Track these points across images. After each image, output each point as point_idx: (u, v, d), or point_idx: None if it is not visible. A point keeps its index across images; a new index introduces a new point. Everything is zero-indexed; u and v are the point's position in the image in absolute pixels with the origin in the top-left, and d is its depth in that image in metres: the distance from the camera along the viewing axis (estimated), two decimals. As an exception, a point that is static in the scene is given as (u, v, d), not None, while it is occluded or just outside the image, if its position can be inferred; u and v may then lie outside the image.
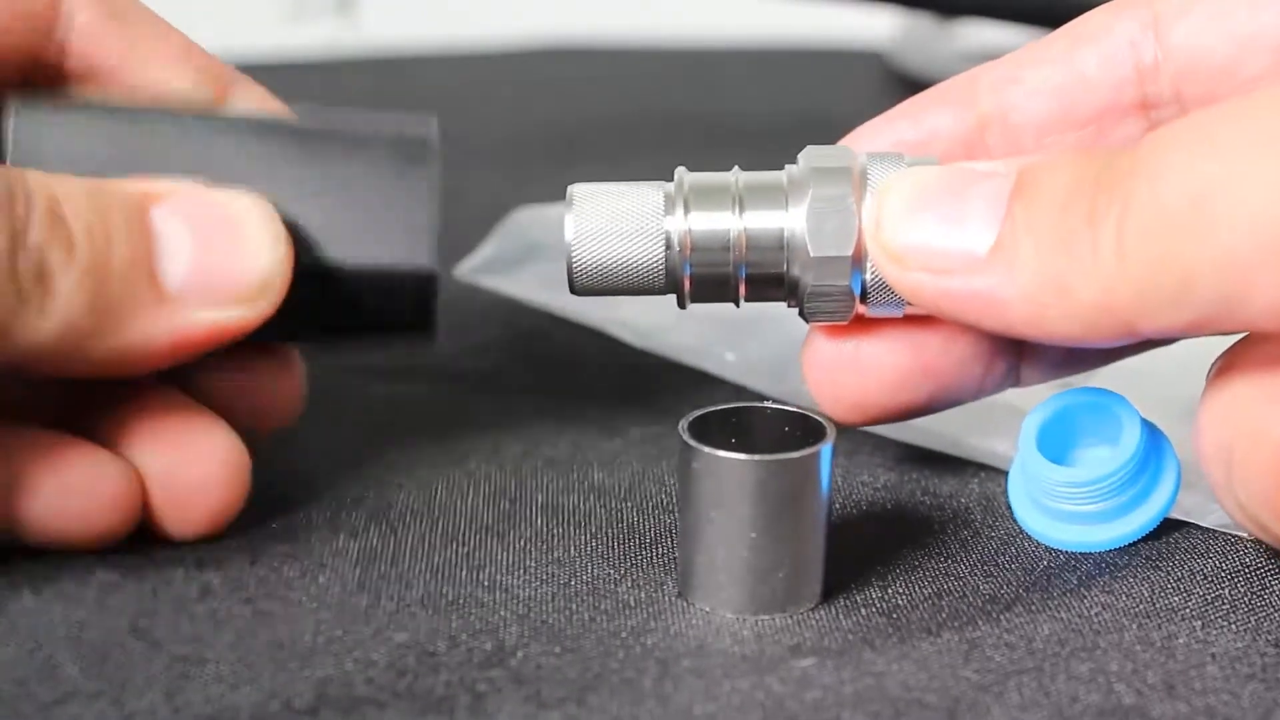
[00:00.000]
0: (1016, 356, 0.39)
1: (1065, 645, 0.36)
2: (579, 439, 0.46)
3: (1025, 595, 0.38)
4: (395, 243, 0.39)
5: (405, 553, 0.39)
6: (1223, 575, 0.39)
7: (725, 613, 0.37)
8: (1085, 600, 0.37)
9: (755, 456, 0.36)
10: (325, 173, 0.39)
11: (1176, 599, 0.38)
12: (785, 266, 0.37)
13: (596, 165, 0.75)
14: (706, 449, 0.36)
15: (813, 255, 0.36)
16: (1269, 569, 0.39)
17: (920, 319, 0.37)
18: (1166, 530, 0.40)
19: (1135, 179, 0.32)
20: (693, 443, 0.36)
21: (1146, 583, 0.38)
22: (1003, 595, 0.38)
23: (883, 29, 0.90)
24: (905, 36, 0.90)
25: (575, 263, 0.37)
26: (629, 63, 0.95)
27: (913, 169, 0.36)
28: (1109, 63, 0.38)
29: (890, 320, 0.38)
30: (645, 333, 0.52)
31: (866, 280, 0.36)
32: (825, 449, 0.37)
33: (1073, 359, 0.39)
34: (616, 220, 0.37)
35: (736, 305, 0.38)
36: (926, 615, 0.37)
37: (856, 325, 0.38)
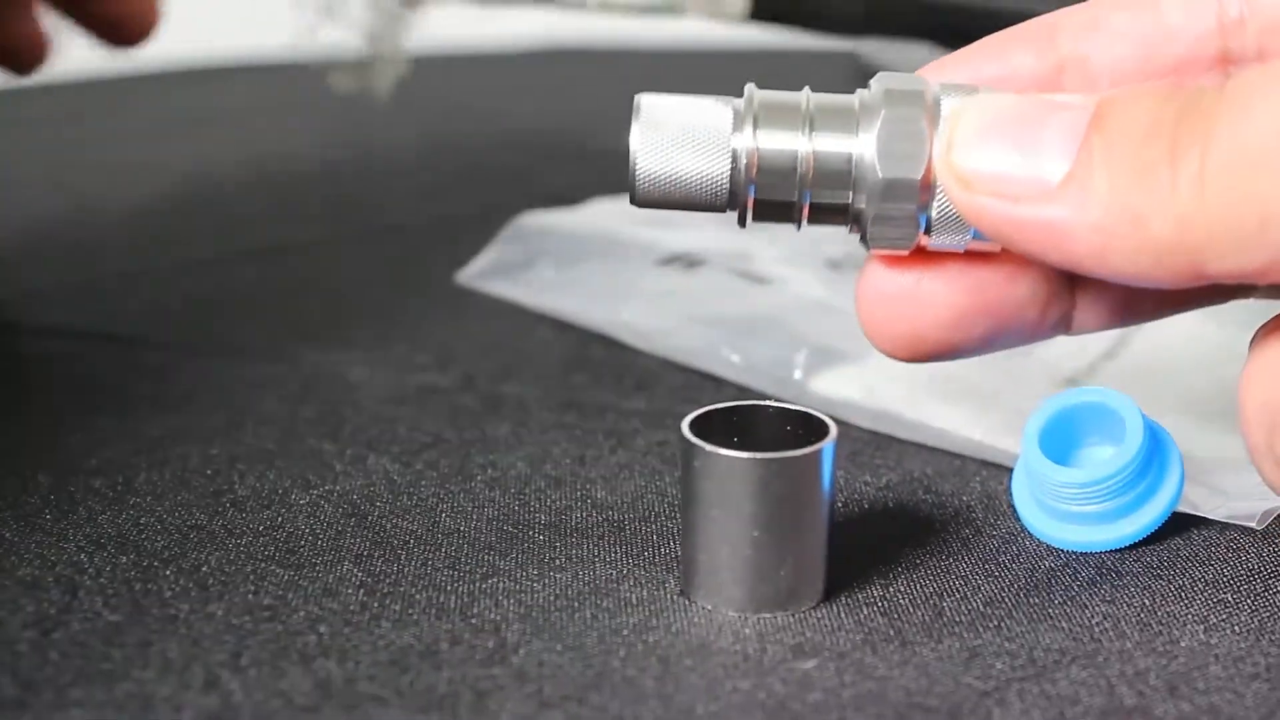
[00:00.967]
0: (1072, 302, 0.38)
1: (1066, 653, 0.36)
2: (583, 452, 0.46)
3: (1026, 599, 0.38)
4: None
5: (409, 573, 0.39)
6: (1225, 580, 0.39)
7: (727, 611, 0.37)
8: (1086, 608, 0.37)
9: (757, 455, 0.36)
10: None
11: (1178, 605, 0.38)
12: (851, 191, 0.36)
13: (595, 166, 0.76)
14: (709, 447, 0.36)
15: (881, 176, 0.35)
16: (1273, 572, 0.39)
17: (982, 256, 0.36)
18: (1168, 536, 0.40)
19: (1220, 117, 0.32)
20: (695, 441, 0.36)
21: (1148, 591, 0.38)
22: (1004, 598, 0.38)
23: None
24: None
25: (639, 172, 0.36)
26: (629, 63, 0.95)
27: (991, 95, 0.35)
28: (1193, 14, 0.37)
29: (951, 255, 0.37)
30: (648, 335, 0.52)
31: (932, 211, 0.35)
32: (827, 447, 0.37)
33: (1127, 307, 0.39)
34: (683, 133, 0.36)
35: (798, 228, 0.37)
36: (929, 617, 0.37)
37: (916, 258, 0.37)
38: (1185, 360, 0.40)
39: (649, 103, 0.36)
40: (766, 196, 0.36)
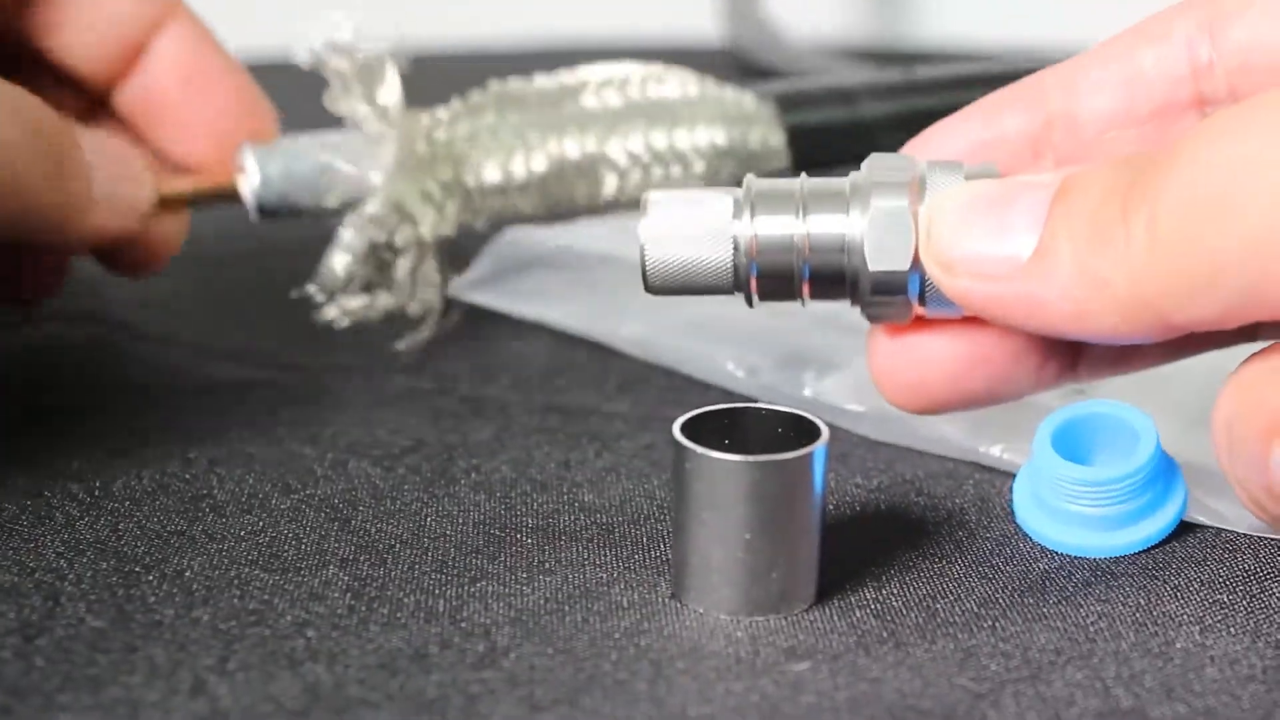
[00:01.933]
0: (1073, 353, 0.39)
1: (1061, 654, 0.35)
2: (568, 456, 0.45)
3: (1020, 600, 0.38)
4: None
5: (395, 577, 0.38)
6: (1220, 582, 0.38)
7: (719, 614, 0.37)
8: (1081, 609, 0.37)
9: (749, 458, 0.36)
10: None
11: (1173, 605, 0.37)
12: (846, 269, 0.38)
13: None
14: (700, 450, 0.36)
15: (871, 270, 0.37)
16: (1269, 574, 0.39)
17: (977, 318, 0.38)
18: (1161, 541, 0.40)
19: (1167, 170, 0.33)
20: (686, 444, 0.36)
21: (1143, 591, 0.38)
22: (998, 599, 0.38)
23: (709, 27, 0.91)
24: (740, 34, 0.90)
25: (649, 263, 0.39)
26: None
27: (965, 182, 0.37)
28: (1166, 61, 0.39)
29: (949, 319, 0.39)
30: (650, 348, 0.51)
31: (925, 283, 0.37)
32: (819, 450, 0.36)
33: (1125, 359, 0.40)
34: (687, 224, 0.38)
35: (802, 304, 0.39)
36: (922, 619, 0.37)
37: (916, 323, 0.39)
38: (1183, 367, 0.40)
39: (656, 198, 0.39)
40: (768, 277, 0.38)
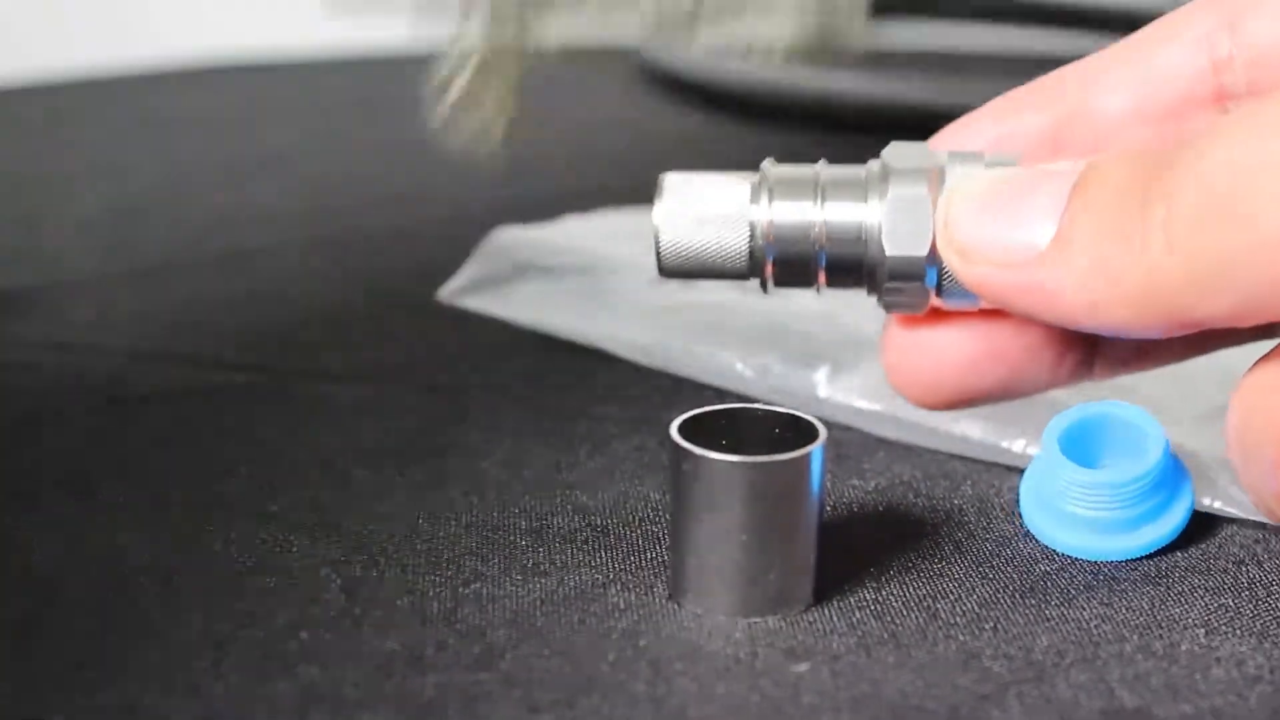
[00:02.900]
0: (1089, 349, 0.39)
1: (1065, 656, 0.35)
2: (560, 458, 0.45)
3: (1023, 602, 0.37)
4: None
5: (389, 579, 0.38)
6: (1225, 587, 0.38)
7: (717, 615, 0.36)
8: (1084, 611, 0.37)
9: (746, 458, 0.35)
10: None
11: (1178, 610, 0.37)
12: (863, 257, 0.37)
13: (577, 172, 0.75)
14: (697, 450, 0.36)
15: (888, 255, 0.37)
16: (1273, 580, 0.38)
17: (994, 309, 0.38)
18: (1165, 548, 0.40)
19: (1184, 166, 0.33)
20: (683, 444, 0.36)
21: (1147, 596, 0.38)
22: (1000, 601, 0.37)
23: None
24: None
25: (663, 246, 0.38)
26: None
27: (986, 170, 0.37)
28: (1185, 54, 0.39)
29: (965, 311, 0.38)
30: (653, 351, 0.51)
31: (942, 273, 0.37)
32: (816, 451, 0.36)
33: (1142, 354, 0.40)
34: (704, 207, 0.38)
35: (817, 292, 0.38)
36: (923, 620, 0.36)
37: (932, 314, 0.38)
38: (1192, 362, 0.40)
39: (672, 181, 0.38)
40: (784, 264, 0.38)
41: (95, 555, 0.39)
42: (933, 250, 0.36)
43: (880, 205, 0.37)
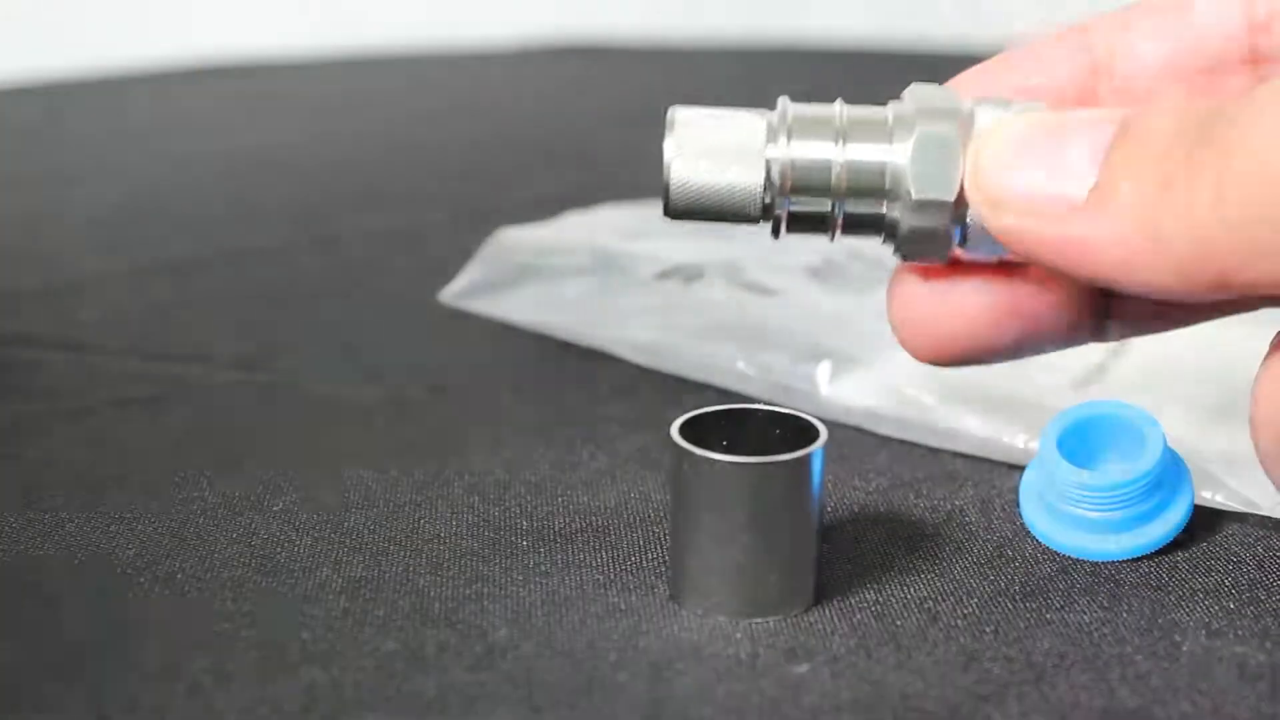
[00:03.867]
0: (1106, 309, 0.38)
1: (1065, 657, 0.35)
2: (562, 458, 0.45)
3: (1023, 603, 0.37)
4: None
5: (390, 579, 0.38)
6: (1226, 589, 0.38)
7: (717, 616, 0.36)
8: (1085, 613, 0.37)
9: (747, 459, 0.35)
10: None
11: (1179, 612, 0.37)
12: (884, 203, 0.35)
13: (573, 169, 0.75)
14: (698, 451, 0.36)
15: (915, 197, 0.35)
16: (1274, 582, 0.38)
17: (1015, 264, 0.36)
18: (1166, 548, 0.40)
19: (1238, 128, 0.32)
20: (684, 445, 0.36)
21: (1147, 598, 0.38)
22: (999, 602, 0.37)
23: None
24: None
25: (673, 183, 0.35)
26: (630, 62, 0.95)
27: (1017, 114, 0.35)
28: (1222, 14, 0.38)
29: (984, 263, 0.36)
30: (655, 351, 0.51)
31: (966, 225, 0.35)
32: (817, 452, 0.36)
33: (1161, 315, 0.38)
34: (718, 143, 0.35)
35: (831, 239, 0.36)
36: (923, 621, 0.36)
37: (949, 266, 0.36)
38: (1195, 357, 0.40)
39: (684, 115, 0.36)
40: (801, 208, 0.35)
41: (96, 555, 0.39)
42: (959, 197, 0.35)
43: (905, 147, 0.35)
